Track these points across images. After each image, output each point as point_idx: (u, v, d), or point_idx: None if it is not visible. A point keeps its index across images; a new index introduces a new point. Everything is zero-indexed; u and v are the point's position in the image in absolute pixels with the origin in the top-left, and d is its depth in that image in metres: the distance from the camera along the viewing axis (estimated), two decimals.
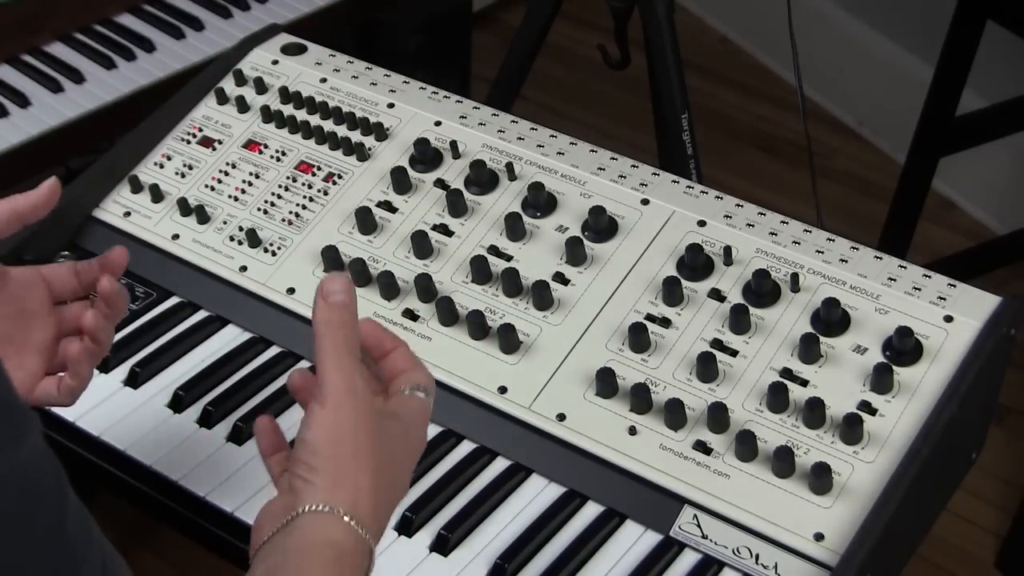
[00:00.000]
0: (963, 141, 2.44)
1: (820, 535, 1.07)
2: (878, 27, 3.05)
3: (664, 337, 1.20)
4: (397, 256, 1.29)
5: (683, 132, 1.97)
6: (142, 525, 2.27)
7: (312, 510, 0.85)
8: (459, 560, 1.10)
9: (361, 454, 0.87)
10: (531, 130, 1.38)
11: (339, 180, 1.36)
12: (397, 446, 0.91)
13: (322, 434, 0.87)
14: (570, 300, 1.24)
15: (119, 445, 1.19)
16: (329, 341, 0.90)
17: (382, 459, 0.89)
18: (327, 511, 0.85)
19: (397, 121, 1.40)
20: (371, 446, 0.88)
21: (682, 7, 3.29)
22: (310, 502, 0.85)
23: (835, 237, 1.24)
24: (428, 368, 0.96)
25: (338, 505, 0.85)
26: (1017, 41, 2.23)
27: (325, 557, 0.84)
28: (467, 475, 1.16)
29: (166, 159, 1.42)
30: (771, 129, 3.14)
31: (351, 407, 0.88)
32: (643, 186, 1.31)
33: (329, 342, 0.90)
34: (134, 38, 1.95)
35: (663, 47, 1.95)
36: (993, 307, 1.17)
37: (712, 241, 1.25)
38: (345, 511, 0.85)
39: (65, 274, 1.08)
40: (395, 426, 0.91)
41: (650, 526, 1.11)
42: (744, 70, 3.34)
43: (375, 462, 0.88)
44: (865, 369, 1.15)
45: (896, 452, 1.10)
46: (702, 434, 1.14)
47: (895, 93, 2.95)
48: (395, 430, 0.91)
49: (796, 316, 1.19)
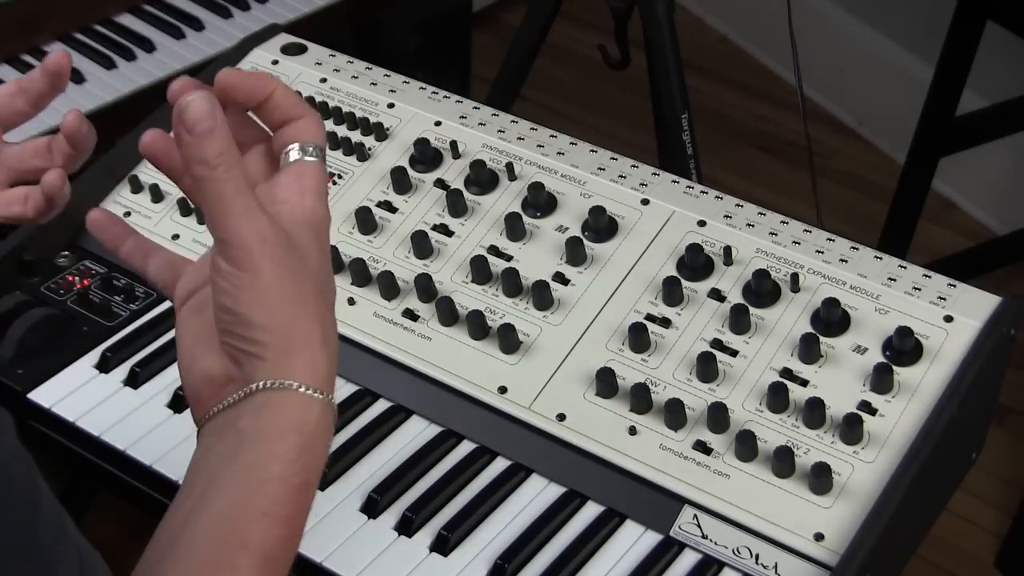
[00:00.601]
0: (963, 141, 2.44)
1: (820, 535, 1.07)
2: (878, 27, 3.05)
3: (664, 337, 1.20)
4: (397, 256, 1.29)
5: (683, 132, 1.97)
6: (142, 525, 2.26)
7: (267, 387, 0.76)
8: (459, 560, 1.10)
9: (299, 308, 0.77)
10: (531, 130, 1.38)
11: (339, 180, 1.36)
12: (313, 255, 0.80)
13: (254, 306, 0.76)
14: (570, 300, 1.24)
15: (119, 445, 1.19)
16: (221, 187, 0.76)
17: (316, 294, 0.78)
18: (284, 387, 0.76)
19: (397, 121, 1.40)
20: (303, 289, 0.77)
21: (682, 7, 3.28)
22: (262, 378, 0.76)
23: (835, 237, 1.24)
24: (430, 364, 0.94)
25: (294, 378, 0.76)
26: (1017, 41, 2.23)
27: (291, 444, 0.76)
28: (467, 475, 1.16)
29: None
30: (771, 129, 3.14)
31: (271, 260, 0.76)
32: (643, 186, 1.31)
33: (221, 187, 0.76)
34: (134, 38, 1.96)
35: (663, 47, 1.95)
36: (993, 307, 1.17)
37: (712, 241, 1.25)
38: (302, 382, 0.76)
39: (6, 94, 1.01)
40: (304, 234, 0.80)
41: (650, 526, 1.11)
42: (744, 70, 3.34)
43: (313, 306, 0.78)
44: (865, 369, 1.15)
45: (896, 452, 1.10)
46: (702, 434, 1.14)
47: (895, 93, 2.95)
48: (306, 239, 0.80)
49: (796, 316, 1.19)
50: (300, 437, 0.76)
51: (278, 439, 0.76)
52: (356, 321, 1.26)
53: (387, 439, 1.19)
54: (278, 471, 0.76)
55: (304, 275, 0.78)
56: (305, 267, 0.79)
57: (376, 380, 1.23)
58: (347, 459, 1.17)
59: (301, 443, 0.76)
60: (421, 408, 1.21)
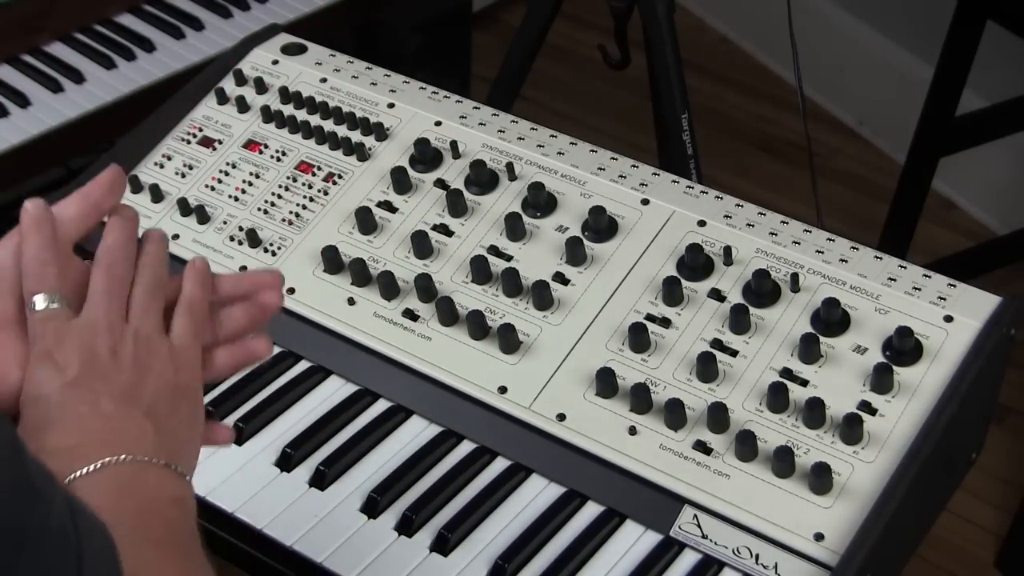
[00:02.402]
0: (963, 141, 2.44)
1: (820, 535, 1.07)
2: (878, 27, 3.05)
3: (664, 337, 1.20)
4: (397, 256, 1.29)
5: (683, 132, 1.97)
6: None
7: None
8: (459, 560, 1.10)
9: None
10: (531, 130, 1.38)
11: (339, 180, 1.36)
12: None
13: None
14: (570, 300, 1.24)
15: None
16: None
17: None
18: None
19: (397, 121, 1.40)
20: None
21: (682, 7, 3.28)
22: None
23: (835, 237, 1.24)
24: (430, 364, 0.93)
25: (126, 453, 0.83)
26: (1017, 41, 2.23)
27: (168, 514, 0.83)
28: (467, 475, 1.16)
29: (166, 159, 1.42)
30: (771, 129, 3.14)
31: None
32: (643, 186, 1.31)
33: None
34: (134, 38, 1.96)
35: (663, 47, 1.95)
36: (993, 307, 1.17)
37: (712, 241, 1.25)
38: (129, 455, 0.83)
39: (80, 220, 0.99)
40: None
41: (650, 526, 1.11)
42: (744, 70, 3.34)
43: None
44: (865, 369, 1.15)
45: (896, 452, 1.10)
46: (702, 434, 1.14)
47: (895, 93, 2.95)
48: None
49: (796, 316, 1.19)
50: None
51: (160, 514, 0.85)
52: (356, 321, 1.26)
53: (387, 439, 1.19)
54: None
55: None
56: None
57: (376, 380, 1.23)
58: (347, 459, 1.17)
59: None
60: (421, 408, 1.21)
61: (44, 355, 0.86)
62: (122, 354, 0.87)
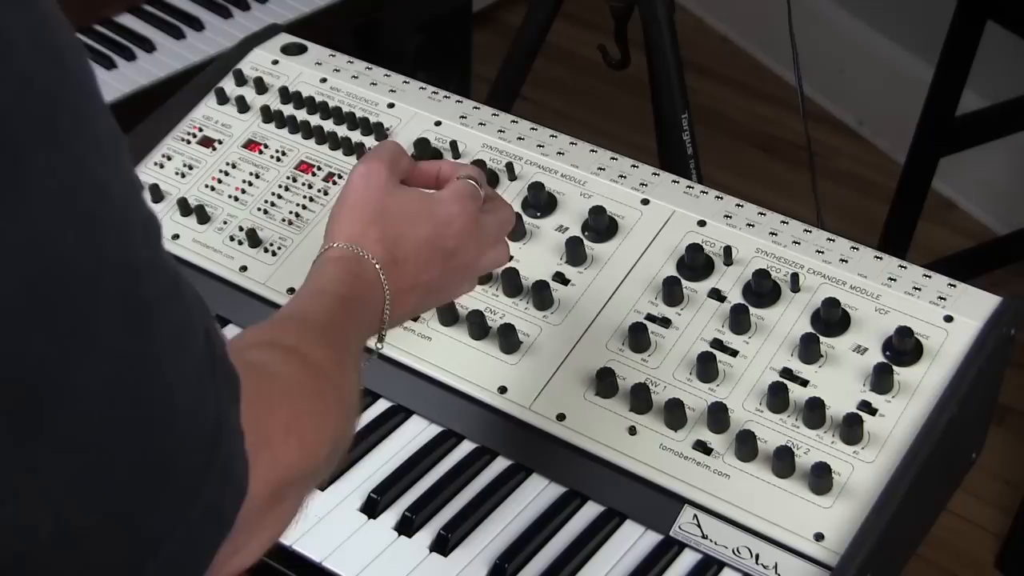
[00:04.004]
0: (963, 141, 2.44)
1: (820, 535, 1.07)
2: (878, 27, 3.05)
3: (664, 337, 1.20)
4: None
5: (683, 132, 1.96)
6: None
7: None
8: (459, 560, 1.10)
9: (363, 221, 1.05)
10: (531, 130, 1.38)
11: (339, 180, 1.36)
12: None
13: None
14: (570, 300, 1.24)
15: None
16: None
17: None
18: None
19: (397, 121, 1.40)
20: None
21: (682, 7, 3.28)
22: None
23: (835, 237, 1.24)
24: (430, 364, 0.95)
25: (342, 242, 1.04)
26: (1017, 41, 2.23)
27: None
28: (467, 475, 1.16)
29: (166, 159, 1.42)
30: (771, 129, 3.14)
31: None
32: (643, 186, 1.31)
33: None
34: (134, 38, 1.96)
35: (663, 47, 1.95)
36: (993, 307, 1.17)
37: (712, 241, 1.25)
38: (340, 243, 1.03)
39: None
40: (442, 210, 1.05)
41: (650, 526, 1.11)
42: (744, 70, 3.34)
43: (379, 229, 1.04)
44: (865, 369, 1.15)
45: (896, 452, 1.10)
46: (702, 434, 1.14)
47: (895, 93, 2.95)
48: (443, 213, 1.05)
49: (796, 316, 1.19)
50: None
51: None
52: None
53: (387, 439, 1.19)
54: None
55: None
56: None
57: (376, 380, 1.23)
58: (347, 459, 1.17)
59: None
60: (421, 408, 1.21)
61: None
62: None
